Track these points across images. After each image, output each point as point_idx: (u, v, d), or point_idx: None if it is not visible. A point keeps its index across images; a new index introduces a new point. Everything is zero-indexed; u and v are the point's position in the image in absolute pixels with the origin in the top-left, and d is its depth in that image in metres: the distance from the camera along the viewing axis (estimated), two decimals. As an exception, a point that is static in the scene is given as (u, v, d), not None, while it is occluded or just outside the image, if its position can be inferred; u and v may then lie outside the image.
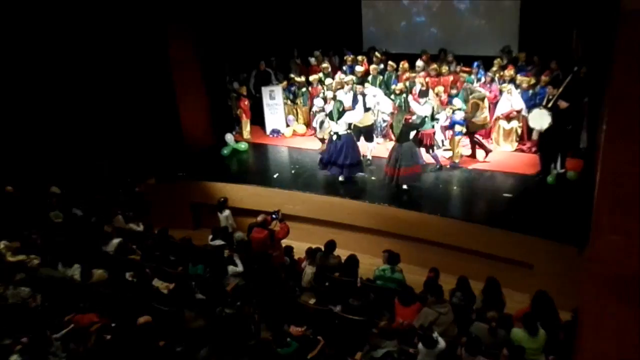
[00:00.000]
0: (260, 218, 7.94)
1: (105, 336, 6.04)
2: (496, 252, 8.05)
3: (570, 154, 9.40)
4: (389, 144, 10.33)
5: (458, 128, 9.79)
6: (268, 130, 12.03)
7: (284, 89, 11.97)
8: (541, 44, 10.96)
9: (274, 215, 8.04)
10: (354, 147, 9.50)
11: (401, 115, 9.07)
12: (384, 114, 10.67)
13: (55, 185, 9.53)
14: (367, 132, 10.31)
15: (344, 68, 11.76)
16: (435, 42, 12.33)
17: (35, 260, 7.33)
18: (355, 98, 9.76)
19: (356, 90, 10.05)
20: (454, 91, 10.13)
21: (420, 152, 9.46)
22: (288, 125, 12.03)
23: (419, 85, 10.29)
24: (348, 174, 9.56)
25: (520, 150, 10.37)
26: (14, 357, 5.65)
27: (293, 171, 10.45)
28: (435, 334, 5.67)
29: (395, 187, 9.18)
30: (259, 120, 12.09)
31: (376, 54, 11.79)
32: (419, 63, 11.34)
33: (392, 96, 10.30)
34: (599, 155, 6.31)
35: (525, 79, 10.09)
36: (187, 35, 10.77)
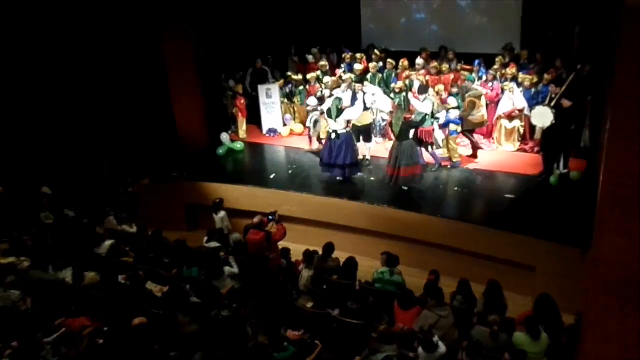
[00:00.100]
0: (256, 219, 7.80)
1: (98, 340, 5.96)
2: (498, 254, 7.95)
3: (574, 154, 9.30)
4: (388, 143, 10.24)
5: (453, 127, 9.67)
6: (265, 129, 11.89)
7: (281, 88, 11.81)
8: (544, 42, 10.84)
9: (270, 217, 7.93)
10: (354, 147, 9.41)
11: (401, 114, 8.96)
12: (383, 113, 10.55)
13: (47, 185, 9.48)
14: (366, 132, 10.20)
15: (343, 66, 11.62)
16: (435, 40, 12.18)
17: (25, 263, 7.25)
18: (354, 96, 9.66)
19: (355, 88, 9.92)
20: (454, 90, 10.01)
21: (420, 151, 9.34)
22: (285, 124, 11.88)
23: (417, 82, 10.17)
24: (349, 175, 9.45)
25: (523, 150, 10.27)
26: (4, 362, 5.58)
27: (290, 171, 10.32)
28: (435, 338, 5.62)
29: (394, 188, 9.05)
30: (255, 120, 11.95)
31: (375, 51, 11.66)
32: (419, 61, 11.23)
33: (392, 95, 10.19)
34: (602, 156, 6.22)
35: (528, 77, 9.99)
36: (182, 33, 10.60)
